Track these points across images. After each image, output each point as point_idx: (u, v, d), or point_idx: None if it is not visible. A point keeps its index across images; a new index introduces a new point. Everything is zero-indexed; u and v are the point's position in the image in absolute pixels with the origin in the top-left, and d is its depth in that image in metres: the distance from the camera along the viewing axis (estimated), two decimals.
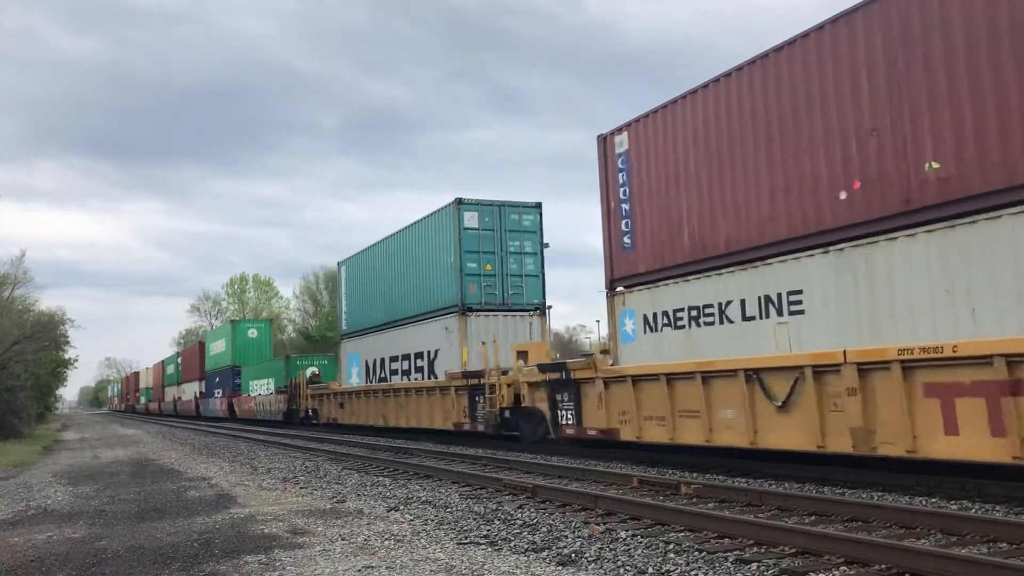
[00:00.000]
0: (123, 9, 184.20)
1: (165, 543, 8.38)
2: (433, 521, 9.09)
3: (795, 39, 11.30)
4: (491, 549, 7.48)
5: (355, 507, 10.50)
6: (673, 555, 6.90)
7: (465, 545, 7.69)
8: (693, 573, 6.29)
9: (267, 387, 41.43)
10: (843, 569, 6.16)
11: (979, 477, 9.48)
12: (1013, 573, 5.40)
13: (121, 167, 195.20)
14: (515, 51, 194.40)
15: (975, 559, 5.76)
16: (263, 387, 42.22)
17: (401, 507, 10.29)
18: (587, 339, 70.20)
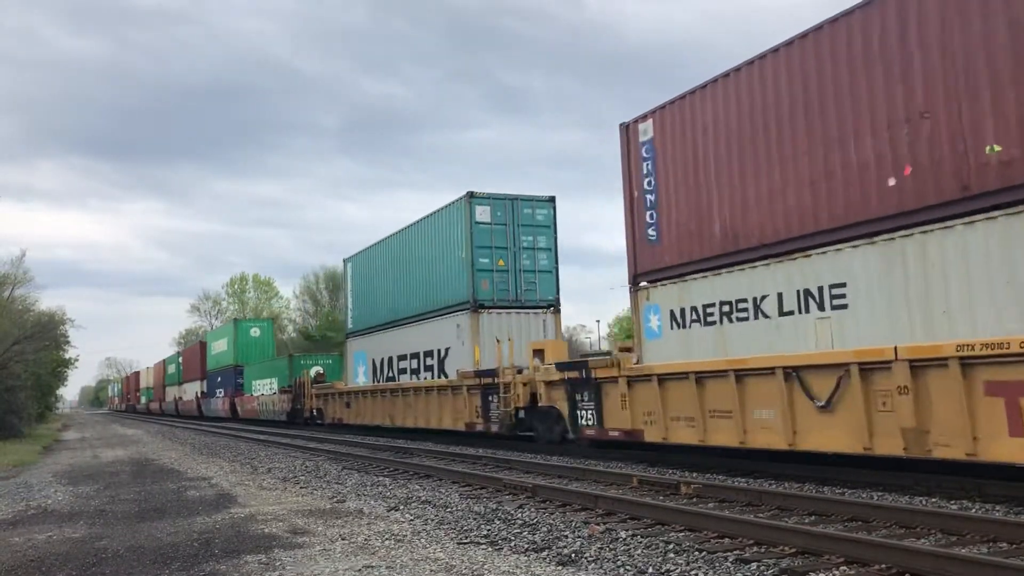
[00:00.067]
0: (123, 9, 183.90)
1: (165, 543, 8.37)
2: (433, 521, 9.03)
3: (838, 17, 10.67)
4: (491, 549, 7.44)
5: (355, 507, 10.40)
6: (673, 555, 6.86)
7: (465, 545, 7.65)
8: (693, 573, 6.24)
9: (270, 387, 40.88)
10: (843, 569, 6.11)
11: (979, 477, 9.26)
12: (1013, 573, 5.34)
13: (121, 167, 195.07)
14: (515, 51, 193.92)
15: (975, 559, 5.72)
16: (266, 387, 41.67)
17: (401, 507, 10.20)
18: (587, 339, 69.79)
